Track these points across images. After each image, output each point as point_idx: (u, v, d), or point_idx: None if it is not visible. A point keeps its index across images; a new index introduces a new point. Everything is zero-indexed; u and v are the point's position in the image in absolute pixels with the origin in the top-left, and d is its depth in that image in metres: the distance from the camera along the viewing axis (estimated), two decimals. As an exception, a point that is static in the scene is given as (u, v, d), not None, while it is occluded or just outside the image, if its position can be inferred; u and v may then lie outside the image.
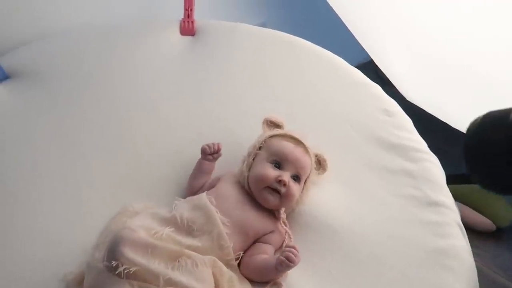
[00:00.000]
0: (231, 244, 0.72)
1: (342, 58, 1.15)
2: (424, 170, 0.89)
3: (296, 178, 0.80)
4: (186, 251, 0.68)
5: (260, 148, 0.83)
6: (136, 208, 0.81)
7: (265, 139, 0.84)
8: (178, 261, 0.66)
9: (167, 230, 0.70)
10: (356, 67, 1.14)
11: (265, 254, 0.76)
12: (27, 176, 0.88)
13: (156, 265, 0.65)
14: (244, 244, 0.76)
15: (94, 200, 0.85)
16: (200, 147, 0.86)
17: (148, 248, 0.66)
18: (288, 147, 0.82)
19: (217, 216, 0.74)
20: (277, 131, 0.86)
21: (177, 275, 0.64)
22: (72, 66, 1.06)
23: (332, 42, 1.29)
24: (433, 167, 0.91)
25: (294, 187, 0.79)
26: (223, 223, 0.73)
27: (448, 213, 0.82)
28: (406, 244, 0.78)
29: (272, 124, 0.89)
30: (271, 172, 0.79)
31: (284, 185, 0.77)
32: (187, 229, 0.72)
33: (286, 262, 0.69)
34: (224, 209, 0.76)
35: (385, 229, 0.81)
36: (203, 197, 0.77)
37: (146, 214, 0.76)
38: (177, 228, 0.72)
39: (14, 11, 1.11)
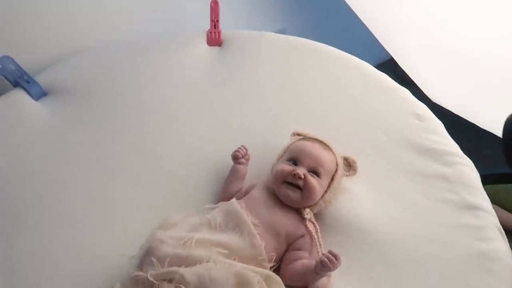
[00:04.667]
0: (263, 243, 0.74)
1: (360, 58, 1.15)
2: (460, 173, 0.89)
3: (314, 172, 0.82)
4: (214, 257, 0.70)
5: (284, 153, 0.87)
6: (176, 219, 0.82)
7: (289, 144, 0.88)
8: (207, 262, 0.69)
9: (198, 235, 0.73)
10: (375, 67, 1.13)
11: (301, 259, 0.77)
12: (66, 192, 0.89)
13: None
14: (276, 245, 0.77)
15: (134, 213, 0.86)
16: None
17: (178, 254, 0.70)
18: (305, 144, 0.85)
19: (247, 217, 0.76)
20: (301, 136, 0.90)
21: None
22: (106, 81, 1.08)
23: (349, 42, 1.29)
24: (468, 170, 0.91)
25: (313, 180, 0.80)
26: (254, 224, 0.76)
27: (487, 216, 0.83)
28: (446, 248, 0.79)
29: (299, 135, 0.91)
30: (286, 167, 0.81)
31: (300, 178, 0.79)
32: (220, 230, 0.75)
33: (326, 263, 0.70)
34: (253, 211, 0.79)
35: (423, 233, 0.81)
36: (233, 202, 0.80)
37: (182, 224, 0.78)
38: (210, 229, 0.75)
39: (47, 29, 1.14)
